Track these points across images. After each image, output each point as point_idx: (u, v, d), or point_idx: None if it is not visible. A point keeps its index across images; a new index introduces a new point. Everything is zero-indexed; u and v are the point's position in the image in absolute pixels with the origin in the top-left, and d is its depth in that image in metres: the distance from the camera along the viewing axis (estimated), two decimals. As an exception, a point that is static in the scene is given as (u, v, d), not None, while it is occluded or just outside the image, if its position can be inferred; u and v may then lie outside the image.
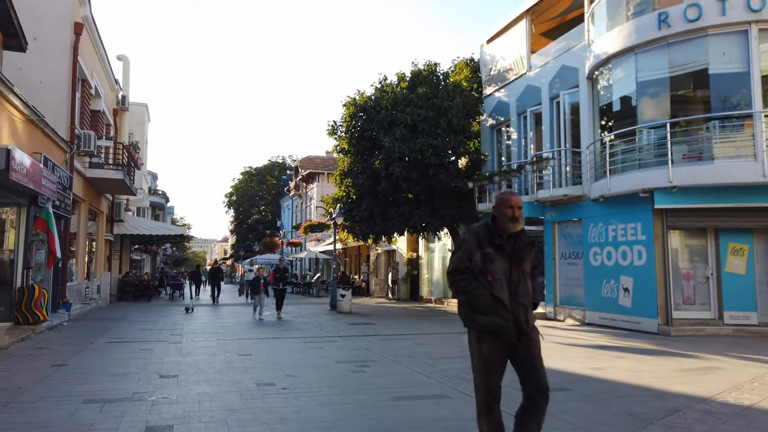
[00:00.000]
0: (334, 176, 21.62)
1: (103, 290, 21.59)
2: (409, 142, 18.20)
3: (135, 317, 16.01)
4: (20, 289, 11.15)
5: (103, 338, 10.98)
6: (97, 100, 19.50)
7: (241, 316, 17.01)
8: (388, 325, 14.47)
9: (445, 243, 23.33)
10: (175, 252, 73.48)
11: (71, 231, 17.31)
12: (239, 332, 12.47)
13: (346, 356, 9.08)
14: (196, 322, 14.66)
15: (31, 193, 11.50)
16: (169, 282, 29.54)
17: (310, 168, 48.80)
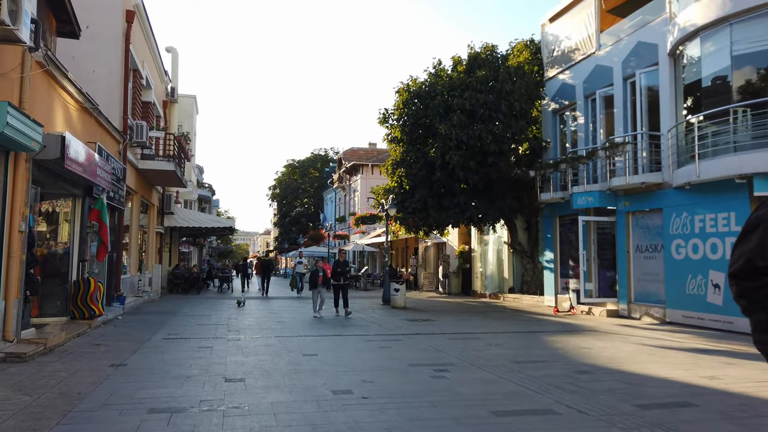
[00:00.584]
0: (386, 166, 20.87)
1: (154, 283, 21.54)
2: (466, 129, 17.26)
3: (188, 311, 15.70)
4: (76, 283, 10.85)
5: (159, 334, 10.57)
6: (147, 91, 19.30)
7: (294, 310, 16.49)
8: (450, 322, 13.64)
9: (501, 235, 22.29)
10: (220, 244, 74.54)
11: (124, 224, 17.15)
12: (297, 329, 11.88)
13: (418, 358, 8.31)
14: (250, 317, 14.20)
15: (86, 184, 11.17)
16: (217, 274, 29.53)
17: (353, 160, 48.28)
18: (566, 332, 11.70)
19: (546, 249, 18.90)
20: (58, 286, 10.85)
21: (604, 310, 15.20)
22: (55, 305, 10.78)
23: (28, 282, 8.45)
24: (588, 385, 6.52)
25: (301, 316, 14.78)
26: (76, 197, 11.22)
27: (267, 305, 18.31)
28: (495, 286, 22.69)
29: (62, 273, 10.95)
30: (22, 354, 7.45)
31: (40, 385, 6.12)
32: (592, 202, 15.38)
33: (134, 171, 17.05)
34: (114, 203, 13.38)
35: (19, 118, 6.97)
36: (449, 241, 26.53)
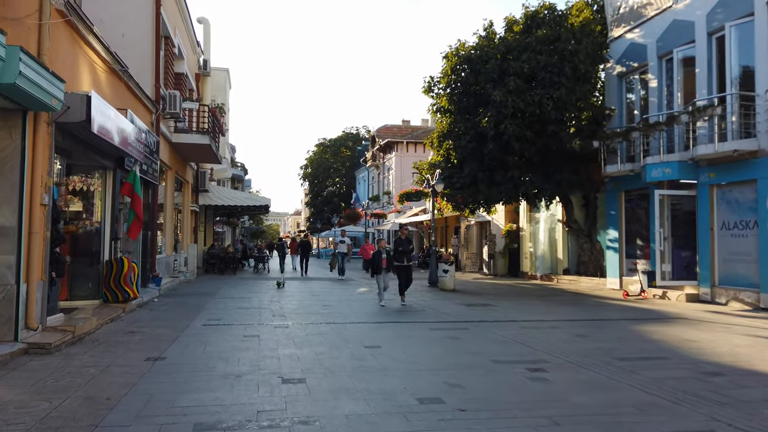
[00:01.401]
0: (430, 139, 19.46)
1: (190, 263, 20.78)
2: (524, 95, 15.70)
3: (226, 292, 14.78)
4: (108, 263, 9.91)
5: (199, 319, 9.58)
6: (180, 61, 18.27)
7: (337, 293, 15.41)
8: (512, 307, 12.34)
9: (554, 213, 20.74)
10: (252, 225, 74.42)
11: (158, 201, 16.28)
12: (346, 313, 10.76)
13: (500, 352, 7.06)
14: (293, 300, 13.16)
15: (117, 155, 10.16)
16: (252, 254, 28.78)
17: (387, 137, 46.88)
18: (653, 320, 10.27)
19: (609, 227, 17.32)
20: (89, 267, 9.93)
21: (682, 294, 13.66)
22: (86, 287, 9.88)
23: (53, 262, 7.48)
24: (733, 392, 5.17)
25: (346, 299, 13.68)
26: (106, 170, 10.23)
27: (307, 287, 17.31)
28: (547, 267, 21.21)
29: (93, 252, 10.02)
30: (46, 345, 6.48)
31: (64, 386, 5.09)
32: (669, 174, 13.74)
33: (168, 145, 16.09)
34: (147, 177, 12.41)
35: (36, 69, 5.88)
36: (494, 220, 25.07)
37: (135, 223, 10.31)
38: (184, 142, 16.44)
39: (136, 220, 10.30)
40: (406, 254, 12.81)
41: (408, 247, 12.91)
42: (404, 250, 12.79)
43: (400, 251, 12.73)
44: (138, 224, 10.32)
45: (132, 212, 10.28)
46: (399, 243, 12.97)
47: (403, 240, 13.04)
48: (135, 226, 10.33)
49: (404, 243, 12.93)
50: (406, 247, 12.86)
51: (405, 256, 12.74)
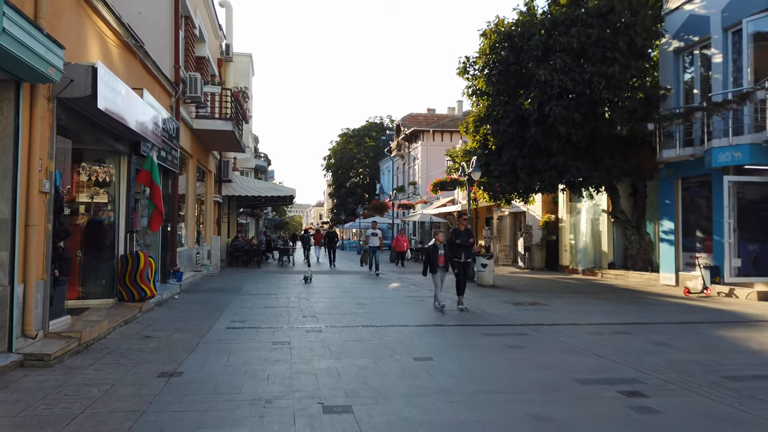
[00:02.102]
0: (465, 124, 18.22)
1: (213, 256, 19.96)
2: (572, 74, 14.36)
3: (251, 288, 13.86)
4: (123, 258, 9.00)
5: (222, 320, 8.61)
6: (201, 44, 17.32)
7: (369, 289, 14.37)
8: (566, 306, 11.13)
9: (598, 203, 19.35)
10: (275, 216, 73.99)
11: (179, 192, 15.41)
12: (384, 314, 9.69)
13: (578, 367, 5.91)
14: (323, 297, 12.15)
15: (132, 138, 9.22)
16: (277, 246, 27.96)
17: (412, 126, 45.61)
18: (736, 324, 8.98)
19: (663, 217, 15.91)
20: (102, 263, 9.03)
21: (753, 292, 12.27)
22: (99, 285, 8.99)
23: (56, 258, 6.55)
24: None
25: (380, 296, 12.62)
26: (120, 155, 9.30)
27: (336, 282, 16.30)
28: (590, 260, 19.86)
29: (107, 247, 9.11)
30: (45, 356, 5.55)
31: (56, 415, 4.12)
32: (739, 159, 12.32)
33: (189, 131, 15.18)
34: (167, 165, 11.48)
35: (25, 27, 4.89)
36: (530, 210, 23.73)
37: (155, 215, 9.37)
38: (206, 128, 15.52)
39: (156, 211, 9.36)
40: (466, 249, 10.81)
41: (468, 241, 10.85)
42: (464, 243, 10.72)
43: (458, 245, 10.68)
44: (158, 216, 9.38)
45: (151, 204, 9.34)
46: (457, 235, 10.88)
47: (462, 232, 10.89)
48: (155, 218, 9.39)
49: (463, 235, 10.81)
50: (465, 240, 10.78)
51: (464, 251, 10.72)
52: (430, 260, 10.10)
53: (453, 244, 10.73)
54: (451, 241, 10.87)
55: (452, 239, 10.92)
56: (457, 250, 10.60)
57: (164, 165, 11.27)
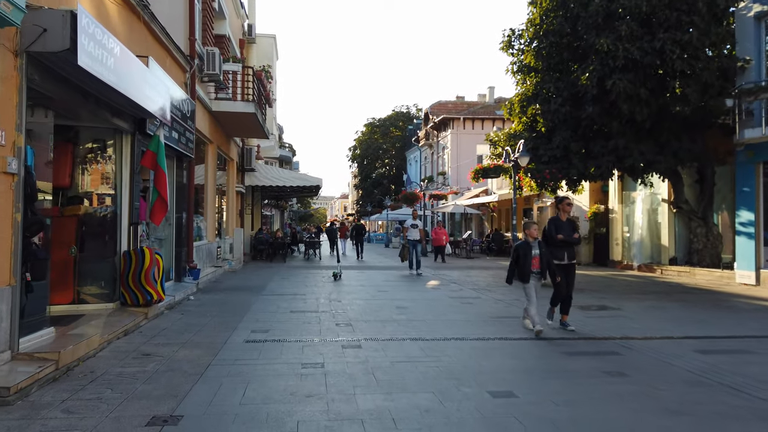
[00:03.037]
0: (509, 104, 16.46)
1: (236, 249, 18.69)
2: (640, 42, 12.53)
3: (276, 286, 12.47)
4: (126, 256, 7.63)
5: (241, 330, 7.20)
6: (221, 21, 15.93)
7: (405, 287, 12.84)
8: (644, 312, 9.43)
9: (657, 191, 17.44)
10: (300, 209, 73.05)
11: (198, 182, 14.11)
12: (431, 320, 8.16)
13: (725, 409, 4.28)
14: (356, 298, 10.67)
15: (135, 114, 7.83)
16: (303, 240, 26.65)
17: (442, 113, 43.80)
18: None
19: (741, 207, 13.98)
20: (101, 262, 7.69)
21: None
22: (98, 287, 7.66)
23: (27, 258, 5.17)
24: None
25: (422, 297, 11.08)
26: (123, 134, 7.92)
27: (368, 279, 14.82)
28: (646, 255, 17.98)
29: (107, 242, 7.77)
30: (2, 390, 4.16)
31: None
32: None
33: (207, 114, 13.83)
34: (180, 148, 10.10)
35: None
36: (576, 200, 21.85)
37: (158, 204, 7.97)
38: (226, 110, 14.14)
39: (159, 200, 7.96)
40: (569, 247, 7.65)
41: (572, 236, 7.67)
42: (568, 239, 7.59)
43: (559, 243, 7.53)
44: (162, 206, 7.99)
45: (155, 191, 7.95)
46: (558, 227, 7.61)
47: (565, 223, 7.68)
48: (158, 209, 8.00)
49: (566, 228, 7.64)
50: (569, 234, 7.61)
51: (567, 251, 7.62)
52: (521, 264, 7.17)
53: (551, 240, 7.55)
54: (549, 235, 7.62)
55: (549, 233, 7.64)
56: (558, 251, 7.53)
57: (177, 148, 9.90)
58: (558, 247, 7.55)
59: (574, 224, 7.99)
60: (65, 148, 7.54)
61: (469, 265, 20.39)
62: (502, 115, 42.50)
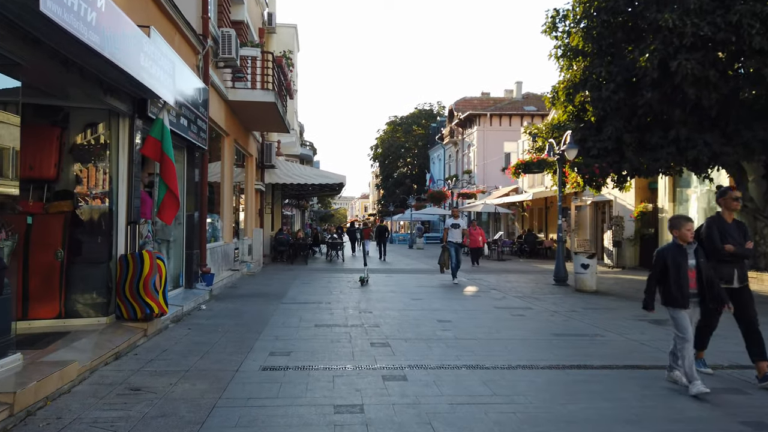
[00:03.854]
0: (552, 92, 14.94)
1: (255, 251, 17.53)
2: (711, 16, 10.99)
3: (298, 292, 11.22)
4: (122, 261, 6.43)
5: (257, 351, 5.93)
6: (239, 6, 14.76)
7: (440, 294, 11.48)
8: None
9: (712, 188, 15.75)
10: (320, 209, 72.12)
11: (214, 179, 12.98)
12: (484, 340, 6.80)
13: None
14: (389, 308, 9.34)
15: (134, 93, 6.62)
16: (325, 240, 25.46)
17: (467, 110, 42.26)
18: None
19: (824, 205, 12.31)
20: (93, 267, 6.51)
21: None
22: (90, 298, 6.47)
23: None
24: None
25: (462, 307, 9.71)
26: (120, 117, 6.72)
27: (397, 283, 13.49)
28: (703, 258, 16.30)
29: (100, 244, 6.58)
30: None
31: None
32: None
33: (223, 104, 12.66)
34: (191, 137, 8.90)
35: None
36: (619, 199, 20.25)
37: (168, 200, 6.75)
38: (243, 100, 12.94)
39: (169, 196, 6.75)
40: (739, 263, 5.17)
41: (744, 245, 5.15)
42: (738, 252, 5.10)
43: (727, 257, 5.09)
44: (173, 202, 6.76)
45: (163, 184, 6.73)
46: (723, 232, 5.16)
47: (731, 226, 5.21)
48: (169, 205, 6.77)
49: (734, 233, 5.17)
50: (739, 242, 5.13)
51: (737, 269, 5.14)
52: (672, 279, 4.78)
53: (714, 251, 5.07)
54: (710, 241, 5.14)
55: (711, 241, 5.14)
56: (724, 268, 5.09)
57: (187, 137, 8.70)
58: (724, 262, 5.09)
59: (745, 228, 5.32)
60: (51, 133, 6.38)
61: (503, 268, 18.95)
62: (532, 110, 41.17)
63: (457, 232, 13.44)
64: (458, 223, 13.55)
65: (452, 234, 13.37)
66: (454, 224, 13.50)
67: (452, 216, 14.06)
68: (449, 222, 13.69)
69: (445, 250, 13.40)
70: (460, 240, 13.68)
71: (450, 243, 13.35)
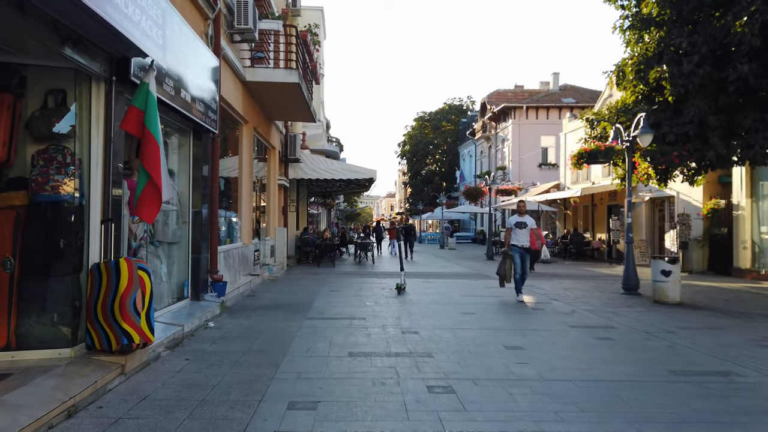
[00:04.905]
0: (618, 69, 12.87)
1: (278, 252, 15.95)
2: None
3: (326, 303, 9.50)
4: (94, 272, 4.78)
5: (271, 400, 4.23)
6: (258, -21, 13.14)
7: (496, 308, 9.61)
8: None
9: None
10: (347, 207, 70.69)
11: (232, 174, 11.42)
12: (583, 385, 4.96)
13: None
14: (438, 326, 7.53)
15: (109, 47, 4.96)
16: (353, 240, 23.80)
17: (501, 102, 40.07)
18: None
19: None
20: (55, 281, 4.87)
21: None
22: (49, 322, 4.83)
23: None
24: None
25: (530, 326, 7.85)
26: (92, 80, 5.07)
27: (439, 291, 11.68)
28: (793, 263, 14.10)
29: (64, 250, 4.93)
30: None
31: None
32: None
33: (240, 85, 11.03)
34: (194, 116, 7.25)
35: None
36: (682, 194, 18.05)
37: (148, 191, 5.06)
38: (263, 80, 11.28)
39: (150, 187, 5.06)
40: None
41: None
42: None
43: None
44: (154, 195, 5.07)
45: (143, 171, 5.05)
46: None
47: None
48: (150, 200, 5.08)
49: None
50: None
51: None
52: None
53: None
54: None
55: None
56: None
57: (191, 117, 7.05)
58: None
59: None
60: (1, 101, 4.76)
61: (552, 271, 16.95)
62: (570, 102, 38.73)
63: (524, 233, 10.19)
64: (524, 221, 10.26)
65: (517, 236, 10.21)
66: (519, 222, 10.24)
67: (518, 212, 10.54)
68: (513, 220, 10.42)
69: (507, 257, 10.19)
70: (527, 244, 10.22)
71: (514, 248, 10.20)
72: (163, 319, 6.44)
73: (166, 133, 6.93)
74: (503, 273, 10.20)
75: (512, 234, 10.30)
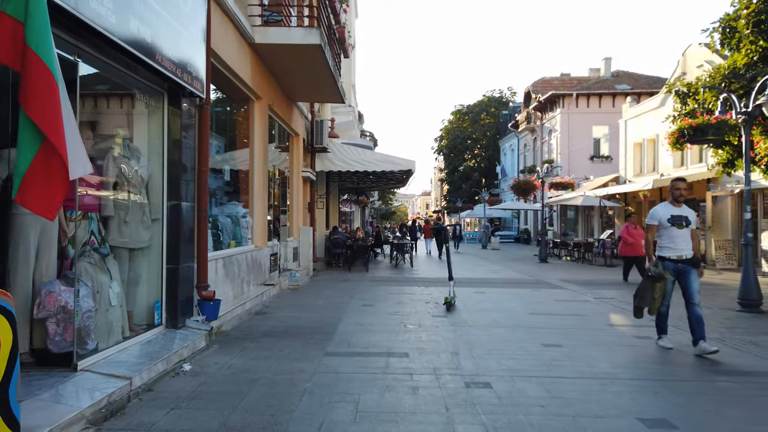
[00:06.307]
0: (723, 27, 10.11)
1: (302, 255, 13.76)
2: None
3: (355, 326, 7.15)
4: None
5: None
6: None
7: (582, 331, 7.07)
8: None
9: None
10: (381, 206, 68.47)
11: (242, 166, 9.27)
12: None
13: None
14: (515, 369, 5.07)
15: None
16: (389, 240, 21.48)
17: (548, 91, 37.00)
18: None
19: None
20: None
21: None
22: None
23: None
24: None
25: (673, 376, 5.33)
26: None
27: (498, 306, 9.20)
28: None
29: None
30: None
31: None
32: None
33: (247, 48, 8.79)
34: (168, 71, 5.01)
35: None
36: (784, 185, 14.99)
37: (41, 163, 2.81)
38: (276, 42, 8.98)
39: (44, 153, 2.80)
40: None
41: None
42: None
43: None
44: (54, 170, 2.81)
45: (30, 131, 2.78)
46: None
47: None
48: (47, 177, 2.83)
49: None
50: None
51: None
52: None
53: None
54: None
55: None
56: None
57: (157, 66, 4.80)
58: None
59: None
60: None
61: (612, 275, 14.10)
62: (625, 89, 35.35)
63: (683, 235, 5.90)
64: (684, 214, 5.95)
65: (672, 239, 5.93)
66: (677, 217, 5.92)
67: (674, 200, 6.05)
68: (663, 212, 6.00)
69: (651, 281, 5.97)
70: (690, 252, 5.90)
71: (669, 263, 5.92)
72: (102, 366, 4.21)
73: (116, 87, 4.71)
74: (649, 303, 6.03)
75: (662, 238, 5.99)
